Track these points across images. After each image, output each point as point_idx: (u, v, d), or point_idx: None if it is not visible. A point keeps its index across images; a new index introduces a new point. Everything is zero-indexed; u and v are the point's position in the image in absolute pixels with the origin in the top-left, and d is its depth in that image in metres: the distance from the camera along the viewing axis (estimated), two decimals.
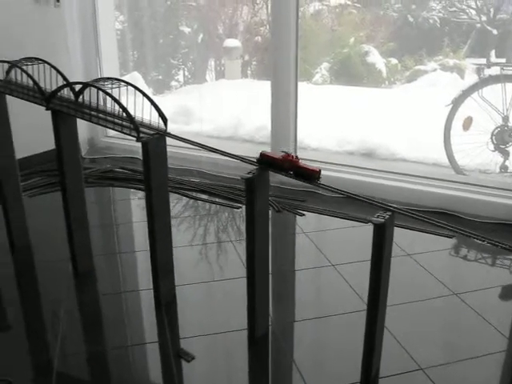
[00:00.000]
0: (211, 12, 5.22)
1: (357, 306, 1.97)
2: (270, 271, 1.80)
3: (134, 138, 1.74)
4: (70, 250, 2.17)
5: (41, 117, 2.82)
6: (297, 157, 1.59)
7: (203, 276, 2.23)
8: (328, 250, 2.41)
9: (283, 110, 3.08)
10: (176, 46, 5.26)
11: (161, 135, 1.75)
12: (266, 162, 1.62)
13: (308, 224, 2.68)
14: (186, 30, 5.28)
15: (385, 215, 1.46)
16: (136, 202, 3.04)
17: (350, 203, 2.80)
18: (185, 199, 3.03)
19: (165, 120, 1.79)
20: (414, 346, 1.76)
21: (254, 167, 1.63)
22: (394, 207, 1.50)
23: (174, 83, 5.35)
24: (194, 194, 3.10)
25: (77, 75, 3.48)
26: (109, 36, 3.84)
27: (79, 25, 3.61)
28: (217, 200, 3.00)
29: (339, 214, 2.74)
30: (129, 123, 1.75)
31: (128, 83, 1.85)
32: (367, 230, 2.56)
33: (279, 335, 1.84)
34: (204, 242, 2.52)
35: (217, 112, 4.29)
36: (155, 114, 1.81)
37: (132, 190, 3.19)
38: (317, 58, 5.03)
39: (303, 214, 2.76)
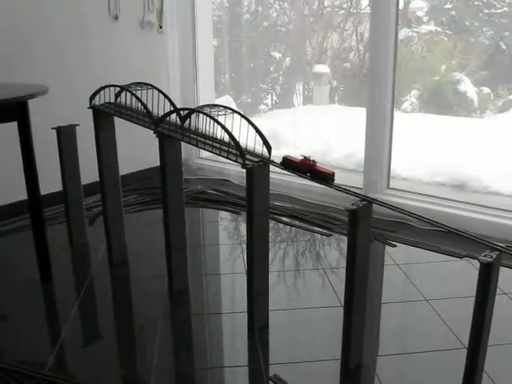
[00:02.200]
0: (301, 37, 5.28)
1: (453, 344, 1.92)
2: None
3: (239, 164, 1.79)
4: (167, 267, 2.24)
5: (131, 138, 2.99)
6: (314, 161, 1.75)
7: (295, 303, 2.25)
8: (421, 283, 2.37)
9: (378, 139, 3.07)
10: (266, 71, 5.34)
11: (265, 163, 1.79)
12: (286, 165, 1.79)
13: (400, 255, 2.65)
14: (277, 55, 5.36)
15: (492, 254, 1.43)
16: (228, 225, 3.11)
17: (442, 236, 2.75)
18: (276, 224, 3.06)
19: (269, 148, 1.83)
20: None
21: (357, 198, 1.64)
22: (502, 247, 1.47)
23: (262, 107, 5.43)
24: (285, 219, 3.13)
25: (174, 98, 3.60)
26: (207, 61, 3.96)
27: (180, 50, 3.76)
28: (307, 226, 3.02)
29: (433, 247, 2.69)
30: (235, 150, 1.80)
31: (234, 110, 1.90)
32: (462, 266, 2.52)
33: (372, 368, 1.83)
34: (294, 269, 2.54)
35: (305, 137, 4.31)
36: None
37: (224, 212, 3.27)
38: (406, 85, 4.98)
39: (395, 245, 2.73)
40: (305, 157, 1.76)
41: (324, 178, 1.73)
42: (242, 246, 2.76)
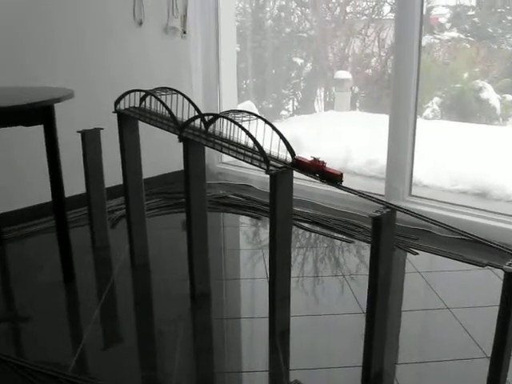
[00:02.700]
0: (322, 43, 5.29)
1: (474, 353, 1.91)
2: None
3: (263, 170, 1.80)
4: (189, 271, 2.25)
5: (153, 142, 3.00)
6: (323, 162, 1.77)
7: (315, 308, 2.25)
8: (443, 291, 2.35)
9: (400, 145, 3.06)
10: (288, 76, 5.35)
11: (288, 169, 1.80)
12: (297, 166, 1.82)
13: (421, 263, 2.63)
14: (299, 61, 5.37)
15: None
16: (249, 230, 3.12)
17: (463, 245, 2.73)
18: (297, 230, 3.06)
19: (292, 154, 1.84)
20: None
21: (381, 205, 1.63)
22: None
23: (283, 112, 5.44)
24: (307, 225, 3.13)
25: (197, 103, 3.62)
26: (229, 67, 3.99)
27: (203, 55, 3.79)
28: (329, 233, 3.01)
29: (455, 255, 2.67)
30: (258, 155, 1.81)
31: (258, 116, 1.92)
32: (485, 274, 2.49)
33: (392, 376, 1.82)
34: (315, 275, 2.54)
35: (326, 143, 4.31)
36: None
37: (245, 217, 3.29)
38: (428, 92, 4.96)
39: (417, 253, 2.71)
40: (314, 158, 1.79)
41: (332, 178, 1.75)
42: (263, 250, 2.77)
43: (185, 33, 3.68)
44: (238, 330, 2.13)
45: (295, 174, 1.84)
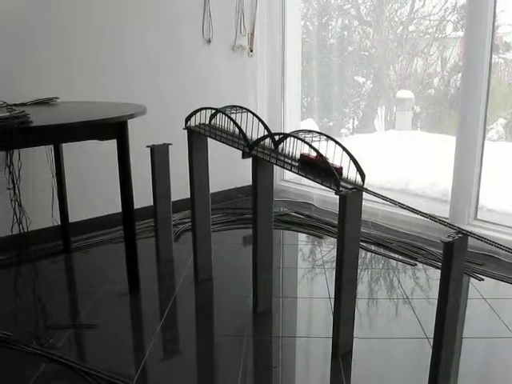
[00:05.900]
0: (384, 62, 5.26)
1: None
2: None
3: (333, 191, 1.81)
4: (253, 288, 2.27)
5: (217, 159, 3.03)
6: (326, 158, 1.87)
7: (378, 331, 2.23)
8: (510, 319, 2.29)
9: (467, 167, 3.01)
10: (349, 95, 5.34)
11: (358, 190, 1.81)
12: (302, 161, 1.95)
13: (487, 290, 2.57)
14: (361, 79, 5.36)
15: None
16: (310, 248, 3.13)
17: None
18: (360, 251, 3.04)
19: (363, 176, 1.84)
20: None
21: (453, 231, 1.62)
22: None
23: (343, 130, 5.43)
24: (369, 245, 3.11)
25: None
26: (294, 85, 4.03)
27: (268, 74, 3.84)
28: (391, 254, 2.99)
29: None
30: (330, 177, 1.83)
31: (329, 137, 1.93)
32: None
33: None
34: (378, 297, 2.52)
35: (387, 162, 4.28)
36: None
37: (307, 235, 3.30)
38: (492, 113, 4.85)
39: (482, 279, 2.66)
40: (320, 154, 1.87)
41: (331, 172, 1.83)
42: (325, 269, 2.77)
43: (252, 51, 3.74)
44: (302, 348, 2.13)
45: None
